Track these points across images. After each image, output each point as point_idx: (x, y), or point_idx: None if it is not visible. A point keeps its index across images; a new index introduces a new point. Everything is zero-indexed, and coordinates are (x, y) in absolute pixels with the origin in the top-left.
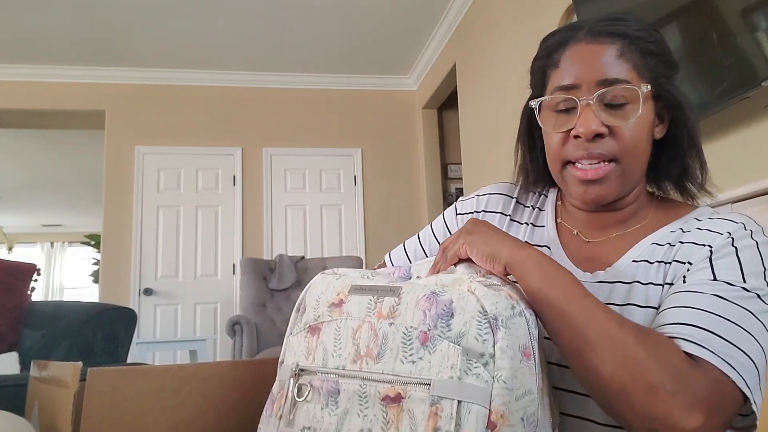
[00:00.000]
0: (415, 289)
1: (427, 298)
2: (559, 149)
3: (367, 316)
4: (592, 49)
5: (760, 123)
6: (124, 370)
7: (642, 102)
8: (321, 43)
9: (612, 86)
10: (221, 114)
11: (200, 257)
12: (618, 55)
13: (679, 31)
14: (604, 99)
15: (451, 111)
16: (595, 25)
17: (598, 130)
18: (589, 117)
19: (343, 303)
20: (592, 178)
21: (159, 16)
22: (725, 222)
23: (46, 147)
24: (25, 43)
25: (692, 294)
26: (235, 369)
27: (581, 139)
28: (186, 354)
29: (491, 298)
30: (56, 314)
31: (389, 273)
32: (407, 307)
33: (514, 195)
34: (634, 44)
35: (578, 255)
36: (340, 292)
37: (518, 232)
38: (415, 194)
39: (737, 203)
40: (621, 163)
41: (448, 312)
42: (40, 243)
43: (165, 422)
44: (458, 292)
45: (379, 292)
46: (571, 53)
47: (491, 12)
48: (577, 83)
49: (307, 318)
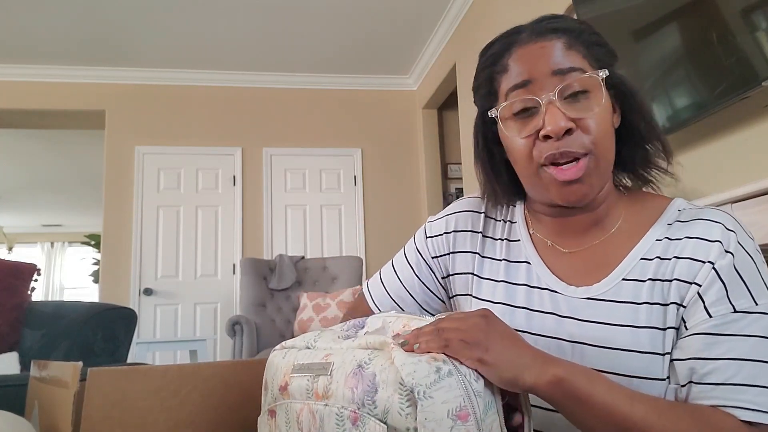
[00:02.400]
0: (345, 362)
1: (354, 373)
2: (528, 154)
3: (306, 398)
4: (540, 45)
5: (760, 123)
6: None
7: (603, 88)
8: (321, 43)
9: (568, 74)
10: (221, 114)
11: (200, 257)
12: (566, 48)
13: (679, 31)
14: (565, 93)
15: (451, 111)
16: (536, 26)
17: (567, 125)
18: (556, 114)
19: (288, 385)
20: (572, 178)
21: (159, 16)
22: (710, 224)
23: (46, 147)
24: (25, 43)
25: (724, 339)
26: (235, 369)
27: (552, 139)
28: (186, 354)
29: (409, 368)
30: (56, 314)
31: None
32: (338, 385)
33: (482, 210)
34: (579, 37)
35: (560, 268)
36: (285, 373)
37: (494, 249)
38: (415, 194)
39: (737, 203)
40: (595, 155)
41: (372, 388)
42: (40, 243)
43: (165, 422)
44: (381, 363)
45: (314, 370)
46: (518, 54)
47: (491, 12)
48: (531, 78)
49: (268, 399)
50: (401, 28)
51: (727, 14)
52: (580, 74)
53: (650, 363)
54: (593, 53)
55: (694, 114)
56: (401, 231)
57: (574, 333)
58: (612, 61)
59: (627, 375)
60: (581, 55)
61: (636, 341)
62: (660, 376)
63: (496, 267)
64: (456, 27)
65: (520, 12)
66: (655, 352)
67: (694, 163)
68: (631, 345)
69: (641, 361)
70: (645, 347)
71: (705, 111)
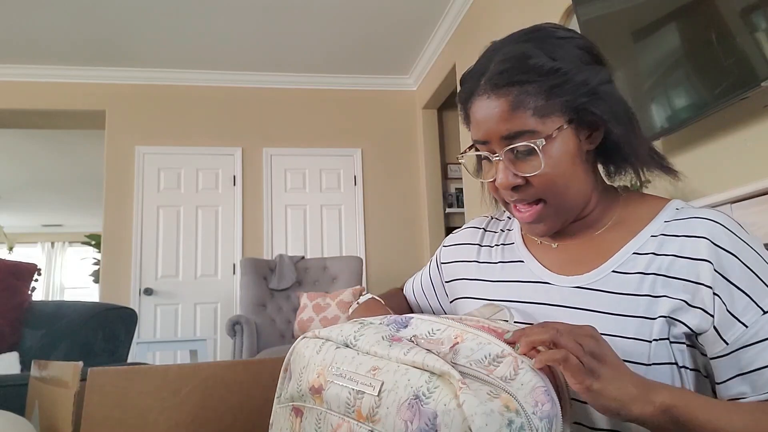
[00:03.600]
0: (399, 385)
1: (410, 405)
2: (495, 194)
3: (346, 414)
4: (489, 104)
5: (759, 123)
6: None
7: (543, 150)
8: (321, 43)
9: (515, 140)
10: (221, 114)
11: (200, 257)
12: (513, 109)
13: (679, 31)
14: (514, 151)
15: (451, 111)
16: (495, 75)
17: (513, 182)
18: (503, 172)
19: (323, 389)
20: (527, 221)
21: (159, 16)
22: (708, 223)
23: (46, 147)
24: (25, 43)
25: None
26: (235, 369)
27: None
28: (186, 354)
29: (480, 420)
30: (57, 314)
31: (379, 327)
32: (388, 412)
33: (482, 226)
34: (533, 86)
35: (550, 260)
36: (320, 373)
37: (490, 255)
38: (415, 194)
39: (737, 203)
40: (548, 202)
41: (431, 428)
42: (40, 243)
43: (165, 422)
44: (444, 401)
45: (359, 384)
46: (475, 108)
47: (491, 12)
48: (487, 139)
49: (291, 389)
50: (401, 28)
51: (727, 14)
52: (526, 138)
53: (633, 347)
54: (549, 99)
55: (693, 114)
56: (401, 231)
57: (562, 320)
58: (580, 90)
59: None
60: (530, 112)
61: (621, 328)
62: (644, 361)
63: (492, 269)
64: (456, 27)
65: (520, 12)
66: (640, 339)
67: (693, 163)
68: (615, 330)
69: (624, 345)
70: (630, 333)
71: (704, 111)
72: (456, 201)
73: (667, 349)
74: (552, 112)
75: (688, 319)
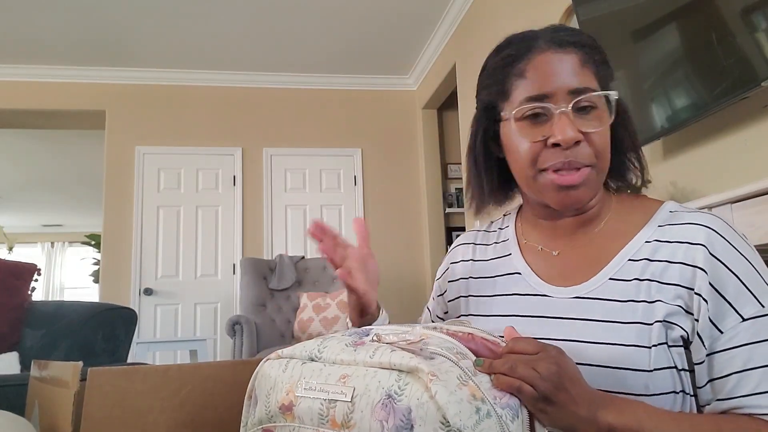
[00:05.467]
0: (370, 388)
1: (384, 405)
2: (533, 158)
3: (320, 425)
4: (559, 58)
5: (759, 123)
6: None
7: (608, 107)
8: (321, 43)
9: (584, 95)
10: (221, 114)
11: (200, 257)
12: (582, 64)
13: (679, 31)
14: (577, 106)
15: (451, 111)
16: (554, 35)
17: (578, 137)
18: (567, 125)
19: (293, 405)
20: (571, 184)
21: (159, 16)
22: (700, 228)
23: (46, 147)
24: (25, 43)
25: (741, 350)
26: (235, 369)
27: (560, 147)
28: (186, 354)
29: (454, 407)
30: (57, 314)
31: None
32: (362, 416)
33: (471, 241)
34: (591, 54)
35: (548, 271)
36: (288, 390)
37: (485, 270)
38: (415, 194)
39: (737, 203)
40: (596, 167)
41: (407, 424)
42: (40, 243)
43: (165, 422)
44: (416, 396)
45: (330, 393)
46: (537, 63)
47: (491, 12)
48: (550, 93)
49: (259, 413)
50: (401, 28)
51: (727, 14)
52: (593, 93)
53: (634, 355)
54: (599, 71)
55: (693, 114)
56: (401, 231)
57: (562, 332)
58: (612, 79)
59: (612, 366)
60: (593, 73)
61: (620, 335)
62: (645, 368)
63: (487, 285)
64: (456, 27)
65: (520, 12)
66: (640, 345)
67: (693, 164)
68: (615, 339)
69: (624, 354)
70: (629, 341)
71: (704, 111)
72: (456, 201)
73: (666, 353)
74: (606, 82)
75: (683, 323)
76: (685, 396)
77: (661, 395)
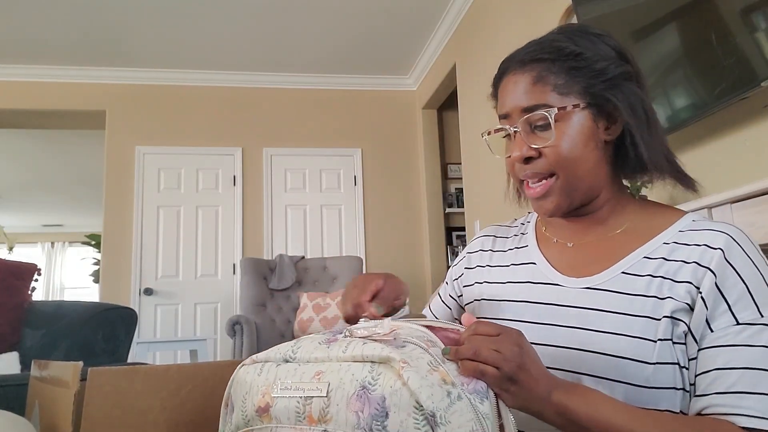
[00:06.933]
0: (344, 381)
1: (358, 396)
2: (511, 171)
3: (297, 423)
4: (516, 79)
5: (759, 123)
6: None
7: (557, 121)
8: (321, 43)
9: (531, 113)
10: (221, 114)
11: (200, 257)
12: (535, 82)
13: (679, 31)
14: (531, 123)
15: (451, 111)
16: (523, 54)
17: (526, 154)
18: (518, 143)
19: (269, 407)
20: (536, 195)
21: (159, 16)
22: (717, 234)
23: (46, 147)
24: (25, 43)
25: (727, 350)
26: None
27: (518, 163)
28: (186, 354)
29: (426, 391)
30: (57, 314)
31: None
32: (338, 409)
33: (492, 234)
34: (555, 65)
35: (562, 262)
36: (264, 393)
37: (502, 259)
38: (415, 194)
39: (737, 203)
40: (559, 176)
41: (382, 412)
42: (40, 243)
43: (165, 422)
44: (390, 384)
45: (306, 391)
46: (504, 85)
47: (491, 12)
48: (508, 112)
49: (236, 420)
50: (401, 28)
51: (727, 14)
52: (541, 110)
53: (638, 346)
54: (570, 79)
55: (693, 114)
56: (401, 231)
57: (571, 320)
58: (600, 78)
59: (615, 355)
60: (550, 87)
61: (627, 326)
62: (649, 360)
63: (503, 272)
64: (456, 27)
65: (520, 12)
66: (645, 338)
67: (693, 163)
68: (621, 329)
69: (629, 344)
70: (635, 332)
71: (704, 111)
72: (456, 201)
73: (671, 349)
74: (571, 91)
75: (686, 319)
76: (685, 394)
77: (662, 389)
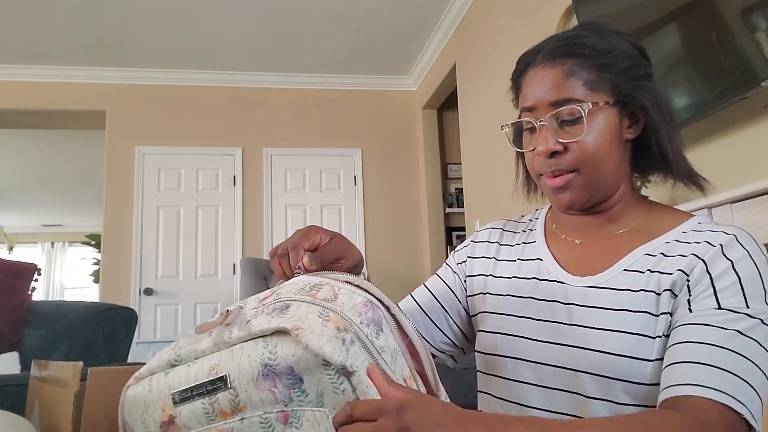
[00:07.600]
0: (242, 367)
1: (264, 375)
2: (531, 164)
3: (210, 422)
4: (545, 73)
5: (759, 123)
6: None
7: (587, 116)
8: (321, 43)
9: (561, 107)
10: (221, 114)
11: (200, 257)
12: (566, 76)
13: (679, 31)
14: (559, 117)
15: (451, 111)
16: (552, 48)
17: (553, 148)
18: (545, 137)
19: (174, 418)
20: (557, 186)
21: (159, 16)
22: (719, 233)
23: (46, 147)
24: (25, 43)
25: (701, 328)
26: None
27: (542, 157)
28: None
29: (328, 347)
30: (57, 314)
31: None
32: (249, 395)
33: (500, 227)
34: (587, 61)
35: (568, 260)
36: (163, 406)
37: (509, 253)
38: (415, 194)
39: (737, 203)
40: (582, 172)
41: (295, 381)
42: (40, 243)
43: None
44: (291, 354)
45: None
46: (530, 77)
47: (491, 12)
48: (534, 105)
49: None
50: (401, 28)
51: (727, 14)
52: (572, 105)
53: (638, 343)
54: (600, 76)
55: (693, 114)
56: (401, 231)
57: (573, 317)
58: (629, 77)
59: (614, 353)
60: (581, 82)
61: (627, 323)
62: (648, 357)
63: (509, 267)
64: (456, 27)
65: (520, 12)
66: (644, 335)
67: (693, 163)
68: (621, 327)
69: (629, 341)
70: (634, 329)
71: (704, 111)
72: (456, 201)
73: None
74: (600, 87)
75: (671, 308)
76: None
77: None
